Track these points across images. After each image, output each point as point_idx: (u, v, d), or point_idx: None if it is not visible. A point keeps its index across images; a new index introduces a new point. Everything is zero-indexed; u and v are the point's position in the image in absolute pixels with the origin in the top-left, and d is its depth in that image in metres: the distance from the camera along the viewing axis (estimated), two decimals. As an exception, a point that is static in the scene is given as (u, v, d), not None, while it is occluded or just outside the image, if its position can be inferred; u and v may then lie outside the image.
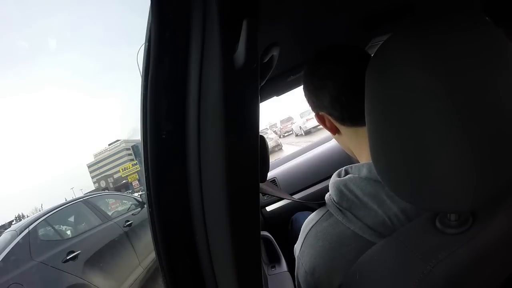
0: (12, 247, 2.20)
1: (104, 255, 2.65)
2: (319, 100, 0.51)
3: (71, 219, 2.93)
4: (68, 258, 2.35)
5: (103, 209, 3.20)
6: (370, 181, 0.42)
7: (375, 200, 0.41)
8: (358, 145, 0.50)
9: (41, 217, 2.59)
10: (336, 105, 0.48)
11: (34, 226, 2.44)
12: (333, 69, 0.48)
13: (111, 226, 2.98)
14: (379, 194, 0.40)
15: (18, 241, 2.25)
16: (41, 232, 2.47)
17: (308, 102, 0.54)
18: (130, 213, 3.35)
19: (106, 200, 3.59)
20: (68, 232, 2.74)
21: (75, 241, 2.56)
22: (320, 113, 0.52)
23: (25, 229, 2.37)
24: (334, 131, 0.52)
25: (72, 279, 2.25)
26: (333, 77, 0.47)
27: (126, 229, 3.07)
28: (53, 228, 2.61)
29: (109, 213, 3.23)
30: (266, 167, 0.89)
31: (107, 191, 6.67)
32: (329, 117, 0.51)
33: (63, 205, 2.93)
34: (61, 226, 2.77)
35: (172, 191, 0.36)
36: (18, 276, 2.03)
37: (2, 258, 2.11)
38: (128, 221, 3.15)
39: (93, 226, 2.86)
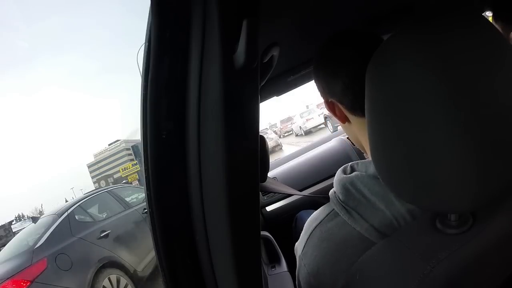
0: (56, 226, 2.76)
1: (128, 236, 3.19)
2: (329, 87, 0.49)
3: (100, 205, 3.45)
4: (101, 235, 2.90)
5: (124, 198, 3.72)
6: (378, 180, 0.40)
7: (383, 200, 0.39)
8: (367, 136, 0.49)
9: (76, 203, 3.17)
10: (348, 93, 0.46)
11: (72, 211, 3.00)
12: (348, 56, 0.46)
13: (132, 213, 3.51)
14: (387, 193, 0.39)
15: (60, 222, 2.82)
16: (77, 215, 3.01)
17: (318, 87, 0.53)
18: (145, 203, 3.63)
19: (125, 191, 4.04)
20: (99, 216, 3.28)
21: (105, 223, 3.11)
22: (330, 100, 0.50)
23: (64, 212, 2.93)
24: (344, 120, 0.50)
25: (105, 252, 2.81)
26: (347, 64, 0.46)
27: (144, 216, 3.50)
28: (87, 212, 3.16)
29: (129, 202, 3.74)
30: (266, 167, 0.89)
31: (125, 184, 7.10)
32: (340, 105, 0.49)
33: (92, 194, 3.53)
34: (93, 210, 3.30)
35: (172, 191, 0.36)
36: (63, 249, 2.58)
37: (50, 234, 2.67)
38: (145, 209, 3.42)
39: (117, 212, 3.40)
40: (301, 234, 0.48)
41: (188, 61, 0.33)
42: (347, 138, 1.48)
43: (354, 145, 1.41)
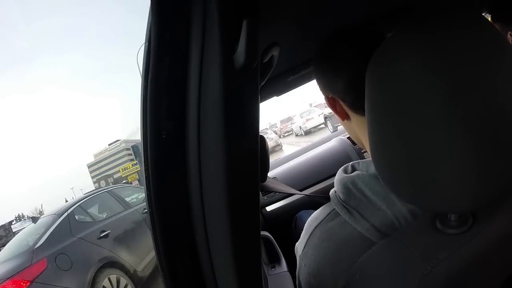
0: (56, 226, 2.77)
1: (128, 236, 3.20)
2: (332, 83, 0.48)
3: (100, 205, 3.47)
4: (101, 235, 2.91)
5: (124, 198, 3.74)
6: (379, 179, 0.39)
7: (384, 200, 0.39)
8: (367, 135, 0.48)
9: (76, 203, 3.18)
10: (351, 91, 0.46)
11: (72, 211, 3.01)
12: (350, 54, 0.46)
13: (132, 213, 3.53)
14: (388, 193, 0.39)
15: (60, 222, 2.83)
16: (77, 215, 3.03)
17: (318, 82, 0.52)
18: (145, 203, 3.68)
19: (125, 191, 4.06)
20: (99, 216, 3.30)
21: (105, 223, 3.13)
22: (331, 96, 0.49)
23: (64, 212, 2.95)
24: (344, 117, 0.50)
25: (105, 252, 2.82)
26: (349, 63, 0.45)
27: (144, 215, 3.52)
28: (87, 212, 3.18)
29: (129, 202, 3.75)
30: (266, 167, 0.89)
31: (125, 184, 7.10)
32: (341, 102, 0.48)
33: (92, 194, 3.55)
34: (93, 210, 3.32)
35: (172, 192, 0.36)
36: (63, 249, 2.59)
37: (50, 234, 2.68)
38: (145, 209, 3.47)
39: (117, 212, 3.42)
40: (302, 234, 0.48)
41: (188, 61, 0.33)
42: (347, 138, 1.48)
43: (354, 145, 1.42)
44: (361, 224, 0.40)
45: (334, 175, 0.47)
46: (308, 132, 13.59)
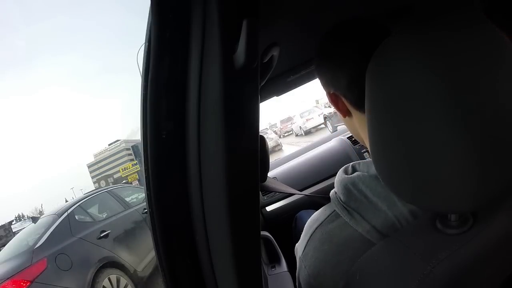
0: (56, 226, 2.78)
1: (128, 236, 3.22)
2: (334, 80, 0.47)
3: (100, 205, 3.48)
4: (101, 235, 2.92)
5: (124, 198, 3.75)
6: (380, 180, 0.39)
7: (385, 201, 0.39)
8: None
9: (76, 203, 3.19)
10: (354, 89, 0.44)
11: (72, 211, 3.02)
12: (353, 49, 0.44)
13: (132, 213, 3.54)
14: (389, 194, 0.39)
15: (60, 222, 2.84)
16: (77, 215, 3.04)
17: (320, 78, 0.51)
18: (145, 203, 3.71)
19: (125, 191, 4.05)
20: (99, 216, 3.31)
21: (105, 223, 3.14)
22: (333, 92, 0.48)
23: (64, 212, 2.96)
24: (345, 113, 0.49)
25: (105, 252, 2.83)
26: (353, 58, 0.44)
27: (144, 216, 3.54)
28: (87, 212, 3.19)
29: (129, 202, 3.76)
30: (266, 167, 0.89)
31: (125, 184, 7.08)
32: (343, 99, 0.47)
33: (92, 194, 3.55)
34: (93, 210, 3.33)
35: (172, 192, 0.36)
36: (63, 249, 2.60)
37: (50, 234, 2.68)
38: (145, 209, 3.48)
39: (117, 212, 3.43)
40: (302, 235, 0.48)
41: (188, 61, 0.33)
42: (347, 138, 1.48)
43: (355, 145, 1.42)
44: (362, 225, 0.39)
45: (334, 175, 0.47)
46: (308, 132, 13.59)
